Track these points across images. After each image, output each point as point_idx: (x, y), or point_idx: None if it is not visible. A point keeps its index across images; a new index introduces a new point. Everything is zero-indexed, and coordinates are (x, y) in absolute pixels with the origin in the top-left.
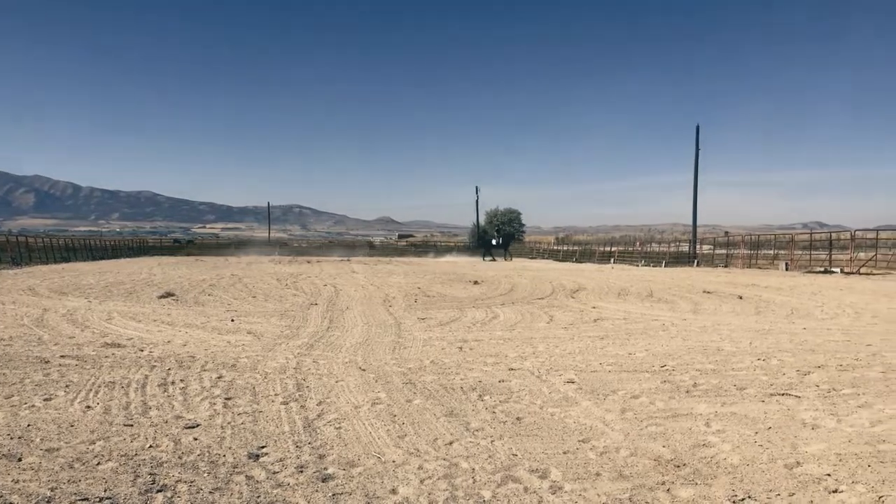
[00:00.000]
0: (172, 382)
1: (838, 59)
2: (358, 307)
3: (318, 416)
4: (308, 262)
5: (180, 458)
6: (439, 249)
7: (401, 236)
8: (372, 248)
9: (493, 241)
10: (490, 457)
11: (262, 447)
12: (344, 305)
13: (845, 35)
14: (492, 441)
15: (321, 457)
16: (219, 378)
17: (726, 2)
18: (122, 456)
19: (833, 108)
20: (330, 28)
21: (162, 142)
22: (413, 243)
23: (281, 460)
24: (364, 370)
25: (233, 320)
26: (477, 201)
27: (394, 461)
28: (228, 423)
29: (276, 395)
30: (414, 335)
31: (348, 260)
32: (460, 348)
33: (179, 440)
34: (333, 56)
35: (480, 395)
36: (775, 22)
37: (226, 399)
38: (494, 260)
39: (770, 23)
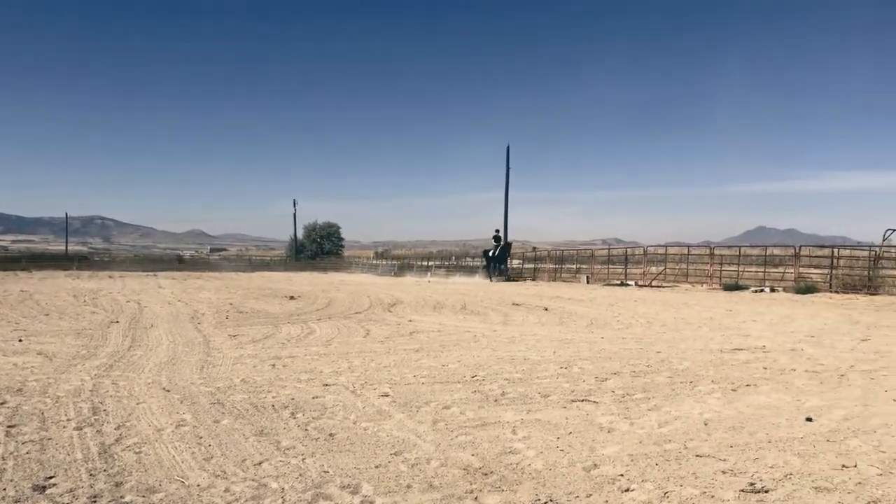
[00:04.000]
0: None
1: (634, 84)
2: (164, 325)
3: (116, 441)
4: (110, 276)
5: None
6: (254, 264)
7: (213, 250)
8: (182, 263)
9: (491, 253)
10: (301, 475)
11: (50, 477)
12: (148, 323)
13: (640, 54)
14: (303, 459)
15: (118, 484)
16: (1, 404)
17: (532, 23)
18: None
19: (626, 134)
20: (125, 21)
21: None
22: (227, 257)
23: (71, 491)
24: (168, 391)
25: (21, 340)
26: (295, 214)
27: (198, 485)
28: (11, 453)
29: (68, 420)
30: (224, 353)
31: (155, 275)
32: (273, 365)
33: None
34: (137, 54)
35: (293, 413)
36: (575, 45)
37: (8, 427)
38: (500, 278)
39: (571, 45)
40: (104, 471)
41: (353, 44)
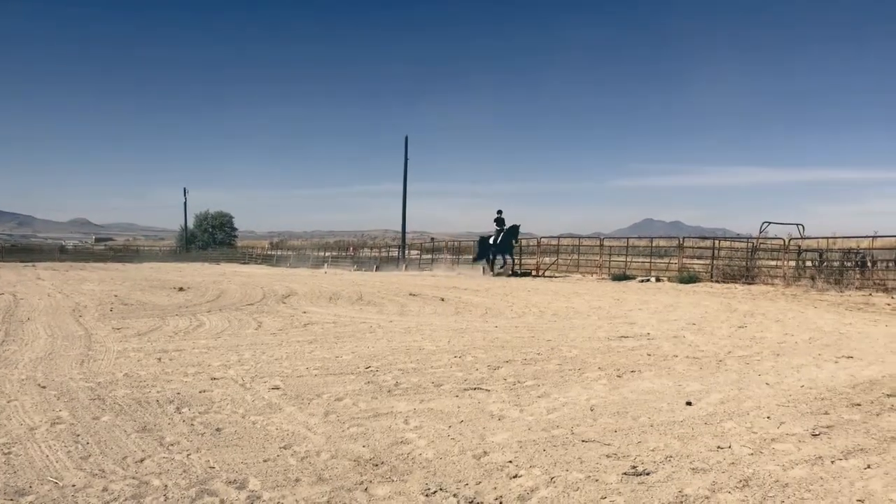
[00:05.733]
0: None
1: (532, 83)
2: (42, 318)
3: None
4: None
5: None
6: (143, 254)
7: (99, 240)
8: (64, 253)
9: (492, 240)
10: (185, 471)
11: None
12: (24, 316)
13: (538, 58)
14: (188, 455)
15: None
16: None
17: (430, 18)
18: None
19: (524, 129)
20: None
21: None
22: (113, 248)
23: None
24: (44, 387)
25: None
26: (185, 203)
27: (74, 485)
28: None
29: None
30: (107, 347)
31: (34, 266)
32: (159, 359)
33: None
34: (12, 35)
35: (178, 408)
36: (473, 43)
37: None
38: (504, 271)
39: (469, 43)
40: None
41: (242, 33)
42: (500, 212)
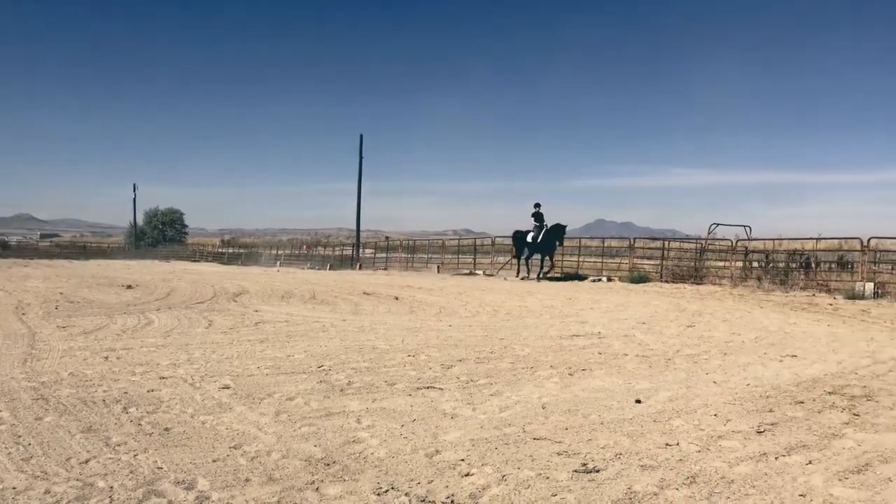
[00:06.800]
0: None
1: (484, 83)
2: None
3: None
4: None
5: None
6: (90, 251)
7: (44, 236)
8: (7, 249)
9: (530, 237)
10: (132, 472)
11: None
12: None
13: (499, 58)
14: (135, 455)
15: None
16: None
17: (386, 20)
18: None
19: (478, 129)
20: None
21: None
22: (59, 244)
23: None
24: None
25: None
26: (135, 199)
27: (14, 488)
28: None
29: None
30: (52, 345)
31: None
32: (106, 358)
33: None
34: None
35: (125, 408)
36: (431, 42)
37: None
38: (540, 276)
39: (427, 42)
40: None
41: (207, 30)
42: (537, 205)
